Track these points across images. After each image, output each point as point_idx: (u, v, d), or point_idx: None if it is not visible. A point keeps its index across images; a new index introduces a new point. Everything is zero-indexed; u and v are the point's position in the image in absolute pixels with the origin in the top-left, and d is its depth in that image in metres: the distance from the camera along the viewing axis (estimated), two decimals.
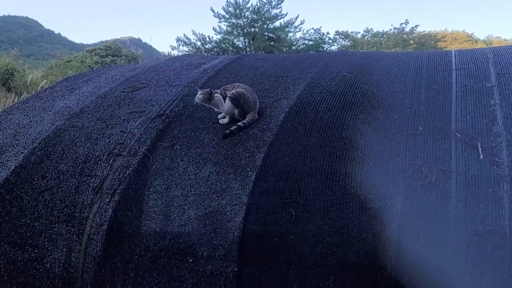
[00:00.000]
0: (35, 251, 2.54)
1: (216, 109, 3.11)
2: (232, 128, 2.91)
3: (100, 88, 3.83)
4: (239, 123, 2.94)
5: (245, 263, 2.31)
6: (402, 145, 2.58)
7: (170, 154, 2.82)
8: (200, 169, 2.67)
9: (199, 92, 3.08)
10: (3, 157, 2.92)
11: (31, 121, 3.33)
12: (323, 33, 23.21)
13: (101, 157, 2.85)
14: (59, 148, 2.94)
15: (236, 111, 3.00)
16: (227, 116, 3.05)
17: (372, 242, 2.18)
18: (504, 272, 1.99)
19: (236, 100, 2.98)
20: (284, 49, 21.29)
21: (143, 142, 2.93)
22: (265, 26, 21.48)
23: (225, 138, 2.87)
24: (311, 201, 2.37)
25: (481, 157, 2.42)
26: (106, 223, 2.50)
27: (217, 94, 3.07)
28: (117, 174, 2.72)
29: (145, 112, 3.26)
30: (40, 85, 11.71)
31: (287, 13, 21.26)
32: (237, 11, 21.22)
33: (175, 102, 3.37)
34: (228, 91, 3.06)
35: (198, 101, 3.08)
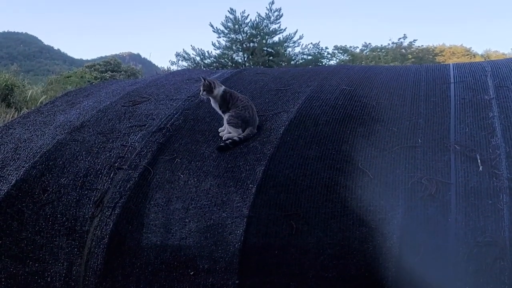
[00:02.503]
0: (36, 264, 2.53)
1: (213, 105, 3.17)
2: (228, 142, 2.92)
3: (100, 102, 3.85)
4: (235, 137, 2.96)
5: (246, 276, 2.31)
6: (402, 157, 2.59)
7: (171, 167, 2.83)
8: (200, 182, 2.68)
9: (201, 85, 3.14)
10: (4, 171, 2.93)
11: (32, 135, 3.35)
12: (322, 48, 23.15)
13: (102, 171, 2.86)
14: (60, 162, 2.95)
15: (240, 130, 3.01)
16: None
17: (373, 254, 2.19)
18: (505, 283, 1.99)
19: (235, 123, 3.00)
20: (283, 64, 21.29)
21: (143, 156, 2.94)
22: (264, 41, 21.53)
23: (220, 150, 2.89)
24: (311, 214, 2.38)
25: (480, 169, 2.43)
26: (107, 236, 2.51)
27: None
28: (117, 187, 2.73)
29: (146, 126, 3.27)
30: (40, 100, 11.71)
31: (286, 28, 21.37)
32: (236, 26, 21.28)
33: (176, 116, 3.39)
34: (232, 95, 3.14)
35: (204, 98, 3.16)
